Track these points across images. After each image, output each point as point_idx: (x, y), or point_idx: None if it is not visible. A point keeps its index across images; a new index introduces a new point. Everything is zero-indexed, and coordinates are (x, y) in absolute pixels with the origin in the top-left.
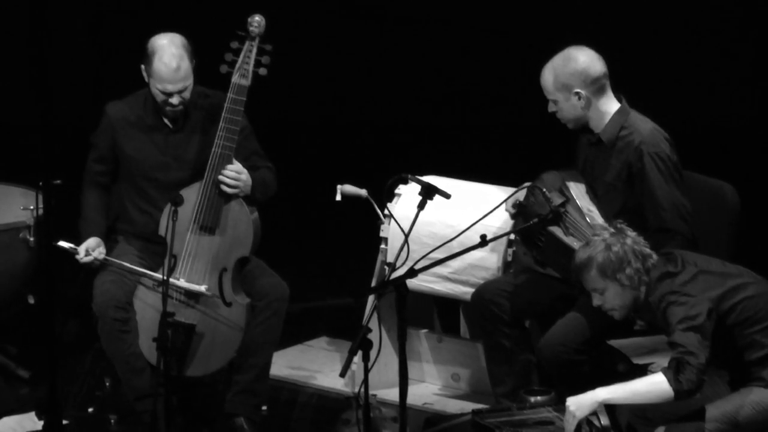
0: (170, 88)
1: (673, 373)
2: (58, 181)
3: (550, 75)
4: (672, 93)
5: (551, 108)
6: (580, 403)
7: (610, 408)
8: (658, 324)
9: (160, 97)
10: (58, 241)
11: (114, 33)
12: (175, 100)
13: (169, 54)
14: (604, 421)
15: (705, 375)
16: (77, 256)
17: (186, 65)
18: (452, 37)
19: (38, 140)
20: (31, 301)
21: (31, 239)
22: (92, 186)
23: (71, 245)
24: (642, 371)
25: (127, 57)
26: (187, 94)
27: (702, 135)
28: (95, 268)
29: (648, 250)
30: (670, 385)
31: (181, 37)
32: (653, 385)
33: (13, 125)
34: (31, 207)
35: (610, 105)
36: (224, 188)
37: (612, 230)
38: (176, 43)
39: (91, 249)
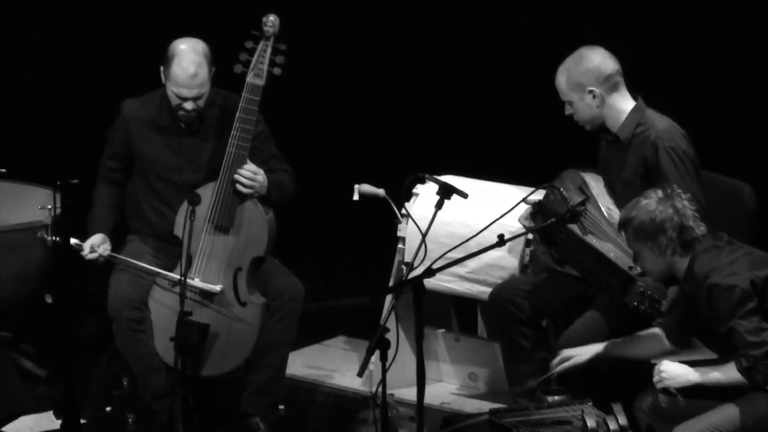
0: (185, 93)
1: (746, 374)
2: (76, 181)
3: (563, 76)
4: (690, 93)
5: (568, 110)
6: (675, 375)
7: (628, 408)
8: (700, 297)
9: (174, 101)
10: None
11: (131, 32)
12: (189, 105)
13: (187, 60)
14: (622, 420)
15: None
16: (82, 253)
17: (204, 73)
18: (472, 36)
19: (56, 140)
20: (49, 300)
21: (49, 238)
22: (104, 182)
23: (76, 241)
24: None
25: (144, 56)
26: (201, 102)
27: (720, 135)
28: (100, 264)
29: (691, 223)
30: (748, 382)
31: (204, 43)
32: (735, 379)
33: (30, 125)
34: (49, 206)
35: (626, 103)
36: (240, 188)
37: (661, 195)
38: (197, 49)
39: (96, 245)
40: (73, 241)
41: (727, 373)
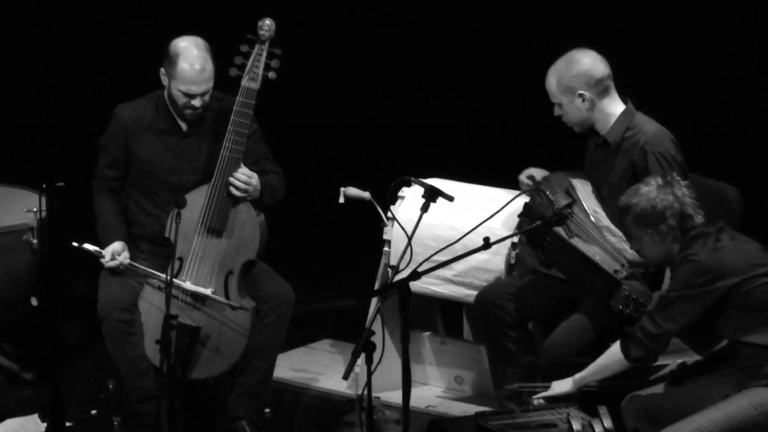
0: (194, 89)
1: (624, 345)
2: (62, 184)
3: (553, 78)
4: (676, 95)
5: (557, 112)
6: (559, 384)
7: (615, 411)
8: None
9: (182, 100)
10: (82, 243)
11: (118, 35)
12: (197, 102)
13: (193, 56)
14: (607, 424)
15: (658, 344)
16: (102, 260)
17: (210, 67)
18: (456, 39)
19: (42, 142)
20: (35, 303)
21: (35, 241)
22: (106, 192)
23: (96, 248)
24: (649, 372)
25: (134, 59)
26: (207, 98)
27: (705, 137)
28: (119, 272)
29: (691, 211)
30: (623, 354)
31: (203, 40)
32: (612, 357)
33: (16, 127)
34: (35, 209)
35: (615, 106)
36: (234, 191)
37: (661, 182)
38: (200, 45)
39: (116, 253)
40: (92, 247)
41: (607, 353)
